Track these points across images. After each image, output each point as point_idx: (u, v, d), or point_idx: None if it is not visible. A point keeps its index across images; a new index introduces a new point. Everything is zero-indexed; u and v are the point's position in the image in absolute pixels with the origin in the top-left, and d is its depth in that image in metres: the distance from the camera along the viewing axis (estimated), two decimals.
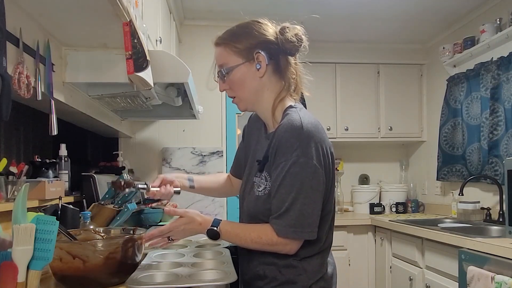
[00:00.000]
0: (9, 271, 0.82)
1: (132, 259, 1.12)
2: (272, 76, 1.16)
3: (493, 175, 2.61)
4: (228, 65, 1.15)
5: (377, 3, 2.81)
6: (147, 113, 2.44)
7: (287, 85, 1.17)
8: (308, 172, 1.06)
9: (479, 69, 2.81)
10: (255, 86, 1.15)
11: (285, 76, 1.17)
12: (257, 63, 1.13)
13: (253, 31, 1.14)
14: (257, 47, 1.12)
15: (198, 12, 2.94)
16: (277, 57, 1.15)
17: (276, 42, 1.13)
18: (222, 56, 1.16)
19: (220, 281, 1.06)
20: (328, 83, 3.48)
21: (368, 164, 3.84)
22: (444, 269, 2.27)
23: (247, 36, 1.13)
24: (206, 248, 1.53)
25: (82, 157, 2.52)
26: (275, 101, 1.16)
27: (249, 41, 1.13)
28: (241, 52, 1.13)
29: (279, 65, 1.16)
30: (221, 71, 1.17)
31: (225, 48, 1.15)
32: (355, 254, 3.13)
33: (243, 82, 1.15)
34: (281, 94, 1.16)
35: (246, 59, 1.13)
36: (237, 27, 1.17)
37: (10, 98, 1.04)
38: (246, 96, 1.17)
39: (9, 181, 1.39)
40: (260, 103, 1.18)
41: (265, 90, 1.16)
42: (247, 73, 1.14)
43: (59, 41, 1.52)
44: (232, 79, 1.15)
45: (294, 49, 1.14)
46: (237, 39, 1.14)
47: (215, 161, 3.00)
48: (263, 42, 1.13)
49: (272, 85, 1.16)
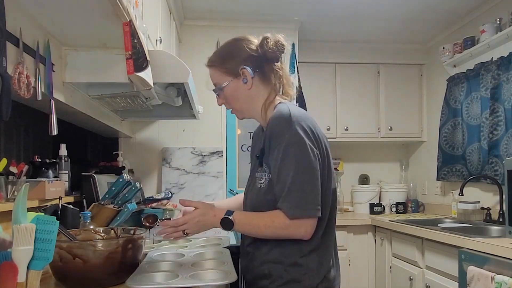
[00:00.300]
0: (9, 271, 0.82)
1: (132, 259, 1.12)
2: (260, 85, 1.27)
3: (493, 175, 2.61)
4: (219, 84, 1.29)
5: (377, 3, 2.81)
6: (147, 113, 2.44)
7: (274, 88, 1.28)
8: (302, 151, 1.13)
9: (479, 69, 2.81)
10: (246, 97, 1.27)
11: (271, 82, 1.28)
12: (243, 78, 1.25)
13: (236, 51, 1.27)
14: (241, 63, 1.25)
15: (198, 12, 2.94)
16: (261, 66, 1.26)
17: (258, 55, 1.24)
18: (214, 76, 1.31)
19: (220, 281, 1.06)
20: (328, 83, 3.48)
21: (368, 164, 3.84)
22: (444, 269, 2.27)
23: (232, 57, 1.27)
24: (206, 248, 1.53)
25: (82, 157, 2.52)
26: (265, 103, 1.26)
27: (234, 61, 1.26)
28: (227, 72, 1.26)
29: (264, 74, 1.27)
30: (215, 89, 1.32)
31: (215, 70, 1.29)
32: (355, 254, 3.13)
33: (235, 96, 1.28)
34: (269, 97, 1.27)
35: (233, 76, 1.26)
36: (223, 49, 1.31)
37: (10, 98, 1.04)
38: (240, 107, 1.30)
39: (9, 181, 1.39)
40: (254, 110, 1.29)
41: (256, 98, 1.27)
42: (236, 88, 1.26)
43: (59, 41, 1.52)
44: (226, 95, 1.29)
45: (275, 56, 1.25)
46: (223, 61, 1.28)
47: (215, 161, 3.00)
48: (246, 58, 1.25)
49: (261, 92, 1.27)
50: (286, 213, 1.11)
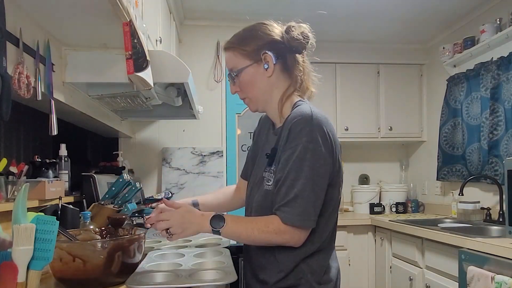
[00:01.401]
0: (9, 271, 0.82)
1: (132, 259, 1.12)
2: (280, 75, 1.18)
3: (493, 175, 2.61)
4: (237, 67, 1.18)
5: (377, 3, 2.81)
6: (147, 113, 2.44)
7: (294, 82, 1.19)
8: (316, 159, 1.06)
9: (479, 69, 2.81)
10: (265, 85, 1.18)
11: (293, 74, 1.19)
12: (265, 63, 1.16)
13: (259, 33, 1.17)
14: (264, 48, 1.15)
15: (198, 12, 2.94)
16: (284, 56, 1.17)
17: (282, 41, 1.16)
18: (231, 60, 1.20)
19: (220, 281, 1.06)
20: (328, 83, 3.48)
21: (368, 164, 3.84)
22: (444, 269, 2.27)
23: (254, 38, 1.17)
24: (206, 248, 1.53)
25: (82, 157, 2.52)
26: (283, 97, 1.18)
27: (256, 43, 1.16)
28: (249, 54, 1.16)
29: (286, 64, 1.18)
30: (231, 74, 1.21)
31: (234, 52, 1.18)
32: (355, 254, 3.13)
33: (253, 83, 1.18)
34: (288, 90, 1.19)
35: (254, 61, 1.16)
36: (244, 31, 1.20)
37: (10, 98, 1.04)
38: (256, 96, 1.20)
39: (9, 181, 1.39)
40: (270, 102, 1.21)
41: (274, 89, 1.19)
42: (255, 73, 1.17)
43: (59, 41, 1.52)
44: (242, 81, 1.19)
45: (300, 47, 1.16)
46: (244, 42, 1.17)
47: (215, 161, 3.00)
48: (269, 42, 1.16)
49: (281, 83, 1.19)
50: (284, 218, 1.06)
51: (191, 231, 1.11)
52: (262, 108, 1.23)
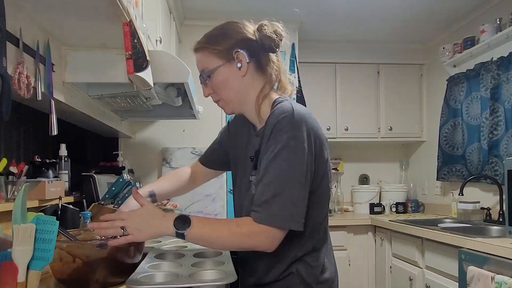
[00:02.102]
0: (9, 271, 0.82)
1: (132, 259, 1.12)
2: (254, 74, 1.13)
3: (493, 175, 2.61)
4: (208, 68, 1.12)
5: (377, 3, 2.81)
6: (147, 113, 2.44)
7: (269, 80, 1.15)
8: (298, 157, 1.01)
9: (479, 69, 2.81)
10: (238, 85, 1.13)
11: (267, 72, 1.14)
12: (238, 62, 1.10)
13: (230, 31, 1.12)
14: (236, 46, 1.10)
15: (198, 12, 2.94)
16: (257, 54, 1.12)
17: (255, 39, 1.11)
18: (202, 60, 1.14)
19: (220, 281, 1.05)
20: (328, 83, 3.48)
21: (368, 164, 3.84)
22: (444, 269, 2.27)
23: (225, 36, 1.11)
24: (206, 248, 1.53)
25: (82, 157, 2.52)
26: (259, 97, 1.13)
27: (228, 42, 1.11)
28: (220, 53, 1.11)
29: (260, 63, 1.13)
30: (202, 75, 1.15)
31: (204, 52, 1.13)
32: (355, 254, 3.13)
33: (226, 83, 1.12)
34: (264, 90, 1.14)
35: (226, 60, 1.11)
36: (214, 30, 1.15)
37: (10, 98, 1.04)
38: (230, 98, 1.15)
39: (9, 181, 1.39)
40: (246, 103, 1.16)
41: (250, 89, 1.14)
42: (228, 73, 1.11)
43: (59, 41, 1.52)
44: (214, 82, 1.13)
45: (273, 45, 1.11)
46: (215, 41, 1.12)
47: None
48: (241, 40, 1.11)
49: (256, 83, 1.14)
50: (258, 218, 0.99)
51: (149, 233, 1.04)
52: (238, 110, 1.19)
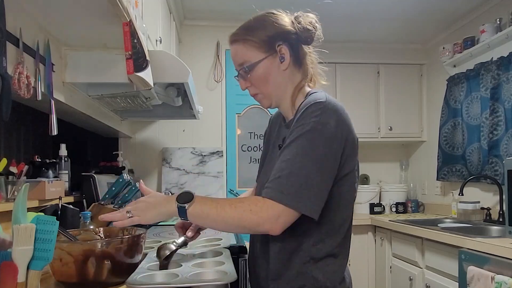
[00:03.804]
0: (9, 271, 0.82)
1: (132, 259, 1.12)
2: (293, 68, 1.10)
3: (493, 175, 2.61)
4: (249, 61, 1.07)
5: (377, 3, 2.81)
6: (147, 113, 2.44)
7: (305, 74, 1.13)
8: (322, 140, 0.95)
9: (479, 69, 2.81)
10: (280, 80, 1.09)
11: (304, 66, 1.13)
12: (280, 55, 1.07)
13: (271, 23, 1.07)
14: (277, 39, 1.06)
15: (198, 12, 2.94)
16: (296, 47, 1.10)
17: (295, 31, 1.08)
18: (241, 53, 1.08)
19: (220, 281, 1.05)
20: (328, 83, 3.47)
21: (368, 164, 3.84)
22: (444, 269, 2.27)
23: (266, 28, 1.07)
24: (206, 248, 1.53)
25: (82, 157, 2.52)
26: (295, 90, 1.11)
27: (269, 33, 1.06)
28: (262, 46, 1.06)
29: (298, 56, 1.11)
30: (242, 69, 1.09)
31: (244, 44, 1.07)
32: (355, 254, 3.12)
33: (267, 77, 1.07)
34: (300, 83, 1.11)
35: (268, 53, 1.06)
36: (253, 20, 1.10)
37: (10, 98, 1.04)
38: (270, 91, 1.10)
39: (9, 181, 1.39)
40: (283, 97, 1.11)
41: (288, 83, 1.11)
42: (270, 67, 1.07)
43: (59, 41, 1.52)
44: (254, 76, 1.08)
45: (310, 37, 1.10)
46: (255, 32, 1.07)
47: (215, 161, 3.00)
48: (283, 33, 1.07)
49: (295, 77, 1.11)
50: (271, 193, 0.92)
51: (153, 212, 1.02)
52: (276, 103, 1.13)
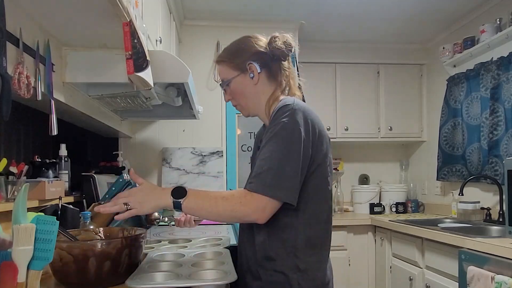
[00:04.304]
0: (9, 271, 0.82)
1: (132, 259, 1.12)
2: (266, 82, 1.28)
3: (493, 175, 2.61)
4: (227, 78, 1.30)
5: (377, 3, 2.81)
6: (147, 113, 2.44)
7: (279, 86, 1.30)
8: (294, 137, 1.11)
9: (479, 69, 2.81)
10: (252, 93, 1.28)
11: (278, 80, 1.30)
12: (250, 72, 1.26)
13: (245, 46, 1.29)
14: (249, 59, 1.26)
15: (198, 12, 2.94)
16: (268, 64, 1.27)
17: (266, 52, 1.26)
18: (222, 72, 1.32)
19: (219, 281, 1.06)
20: (328, 83, 3.48)
21: (368, 164, 3.84)
22: (444, 269, 2.27)
23: (241, 52, 1.29)
24: (206, 248, 1.54)
25: (82, 157, 2.52)
26: (269, 100, 1.28)
27: (242, 56, 1.27)
28: (236, 66, 1.28)
29: (271, 71, 1.28)
30: (222, 84, 1.33)
31: (224, 66, 1.30)
32: (355, 254, 3.13)
33: (242, 91, 1.29)
34: (274, 94, 1.28)
35: (241, 71, 1.28)
36: (232, 44, 1.32)
37: (10, 98, 1.04)
38: (246, 103, 1.31)
39: (9, 181, 1.39)
40: (259, 107, 1.30)
41: (261, 95, 1.29)
42: (243, 82, 1.28)
43: (59, 41, 1.52)
44: (232, 90, 1.30)
45: (282, 55, 1.26)
46: (232, 56, 1.29)
47: (215, 161, 3.00)
48: (254, 54, 1.27)
49: (267, 89, 1.29)
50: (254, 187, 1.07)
51: (150, 204, 1.10)
52: (253, 113, 1.33)
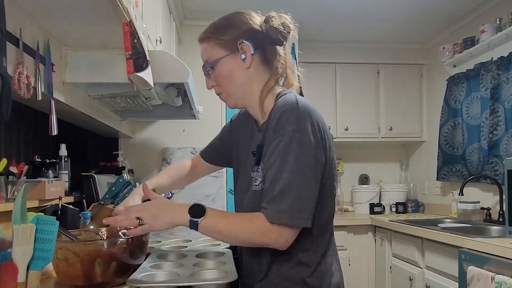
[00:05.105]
0: (9, 271, 0.82)
1: (134, 259, 1.12)
2: (259, 67, 1.09)
3: (493, 175, 2.61)
4: (212, 59, 1.08)
5: (377, 3, 2.81)
6: (147, 113, 2.44)
7: (275, 74, 1.11)
8: (304, 149, 0.97)
9: (479, 69, 2.81)
10: (243, 78, 1.08)
11: (273, 66, 1.10)
12: (242, 53, 1.06)
13: (236, 21, 1.09)
14: (241, 37, 1.06)
15: (198, 12, 2.94)
16: (263, 46, 1.08)
17: (261, 30, 1.07)
18: (206, 51, 1.10)
19: (220, 280, 1.05)
20: (328, 83, 3.48)
21: (368, 164, 3.84)
22: (444, 269, 2.27)
23: (231, 26, 1.08)
24: (207, 248, 1.54)
25: (82, 157, 2.52)
26: (263, 91, 1.09)
27: (233, 32, 1.07)
28: (225, 43, 1.07)
29: (266, 55, 1.09)
30: (205, 66, 1.11)
31: (209, 43, 1.09)
32: (355, 254, 3.13)
33: (230, 75, 1.08)
34: (268, 83, 1.10)
35: (230, 51, 1.07)
36: (220, 20, 1.11)
37: (10, 98, 1.04)
38: (234, 91, 1.10)
39: (9, 181, 1.39)
40: (249, 97, 1.11)
41: (254, 82, 1.09)
42: (232, 65, 1.07)
43: (59, 41, 1.52)
44: (218, 74, 1.09)
45: (281, 37, 1.06)
46: (220, 31, 1.08)
47: None
48: (247, 31, 1.07)
49: (260, 76, 1.09)
50: (269, 216, 0.95)
51: (164, 221, 1.02)
52: (241, 104, 1.13)
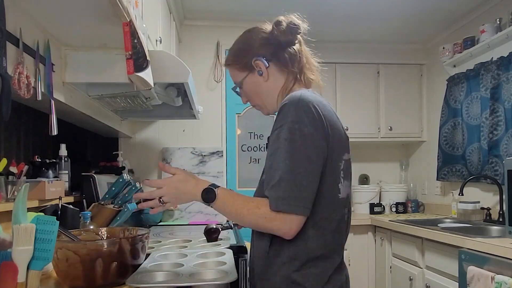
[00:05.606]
0: (9, 271, 0.82)
1: (134, 259, 1.12)
2: (277, 75, 1.19)
3: (493, 175, 2.61)
4: (238, 80, 1.24)
5: (377, 3, 2.81)
6: (147, 113, 2.44)
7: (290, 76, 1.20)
8: (302, 139, 1.01)
9: (479, 69, 2.81)
10: (265, 89, 1.21)
11: (288, 69, 1.19)
12: (258, 70, 1.19)
13: (247, 43, 1.21)
14: (254, 55, 1.18)
15: (198, 12, 2.94)
16: (277, 54, 1.18)
17: (272, 42, 1.17)
18: (232, 75, 1.26)
19: (220, 280, 1.05)
20: (328, 83, 3.48)
21: (368, 164, 3.84)
22: (444, 269, 2.27)
23: (244, 50, 1.21)
24: (207, 248, 1.54)
25: (82, 157, 2.52)
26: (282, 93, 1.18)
27: (246, 53, 1.20)
28: (242, 66, 1.21)
29: (280, 61, 1.19)
30: (233, 88, 1.29)
31: (231, 68, 1.25)
32: (355, 254, 3.13)
33: (255, 90, 1.22)
34: (286, 84, 1.19)
35: (248, 71, 1.20)
36: (235, 45, 1.25)
37: (10, 98, 1.04)
38: (262, 101, 1.24)
39: (9, 181, 1.39)
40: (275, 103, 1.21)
41: (275, 89, 1.20)
42: (254, 81, 1.21)
43: (59, 41, 1.52)
44: (245, 91, 1.24)
45: (289, 39, 1.18)
46: (237, 57, 1.23)
47: (215, 161, 3.00)
48: (258, 47, 1.19)
49: (279, 82, 1.20)
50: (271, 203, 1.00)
51: (184, 200, 1.12)
52: (272, 110, 1.24)
